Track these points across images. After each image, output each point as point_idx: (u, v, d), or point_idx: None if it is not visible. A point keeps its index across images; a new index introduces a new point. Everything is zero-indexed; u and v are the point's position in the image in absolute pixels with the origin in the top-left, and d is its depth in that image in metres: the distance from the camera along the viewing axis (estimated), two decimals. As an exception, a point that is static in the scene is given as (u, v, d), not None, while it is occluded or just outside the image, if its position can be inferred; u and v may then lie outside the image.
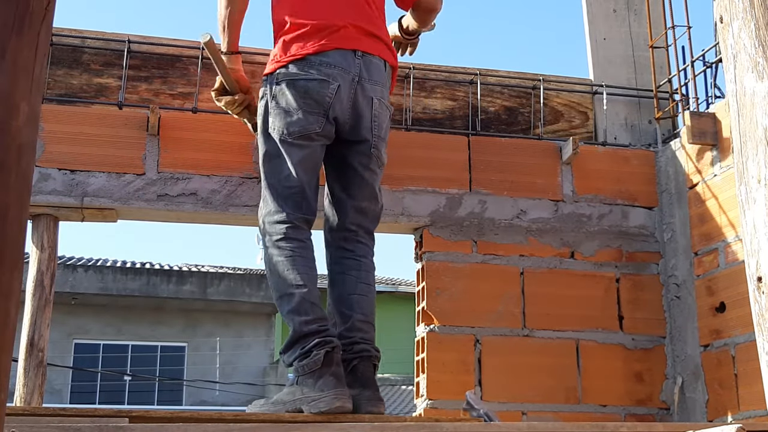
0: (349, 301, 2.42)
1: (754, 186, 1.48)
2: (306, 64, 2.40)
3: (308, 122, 2.39)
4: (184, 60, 3.00)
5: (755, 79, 1.49)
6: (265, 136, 2.46)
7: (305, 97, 2.39)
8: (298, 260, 2.34)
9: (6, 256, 0.80)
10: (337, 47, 2.43)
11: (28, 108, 0.83)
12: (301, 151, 2.41)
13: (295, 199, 2.40)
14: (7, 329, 0.80)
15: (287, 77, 2.41)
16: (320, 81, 2.39)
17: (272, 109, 2.43)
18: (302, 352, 2.25)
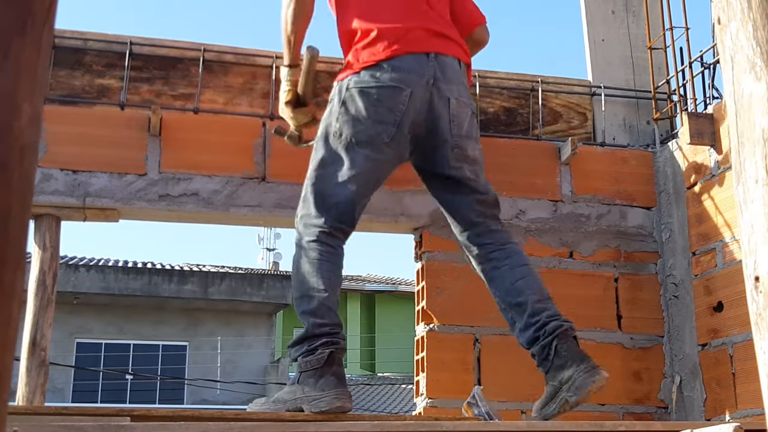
0: (516, 290, 2.36)
1: (751, 186, 1.49)
2: (378, 70, 2.36)
3: (377, 131, 2.35)
4: (185, 61, 3.01)
5: (753, 80, 1.50)
6: (327, 141, 2.40)
7: (377, 105, 2.34)
8: (325, 265, 2.33)
9: (8, 255, 0.81)
10: (409, 51, 2.38)
11: (30, 109, 0.84)
12: (364, 163, 2.36)
13: (340, 210, 2.36)
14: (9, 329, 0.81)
15: (359, 84, 2.36)
16: (393, 88, 2.35)
17: (341, 116, 2.38)
18: (309, 348, 2.26)
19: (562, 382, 2.25)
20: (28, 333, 2.71)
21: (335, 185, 2.36)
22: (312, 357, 2.24)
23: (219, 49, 3.04)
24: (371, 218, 2.92)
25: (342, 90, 2.40)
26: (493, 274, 2.41)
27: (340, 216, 2.37)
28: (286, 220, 2.94)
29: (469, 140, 2.45)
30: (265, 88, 3.03)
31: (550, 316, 2.31)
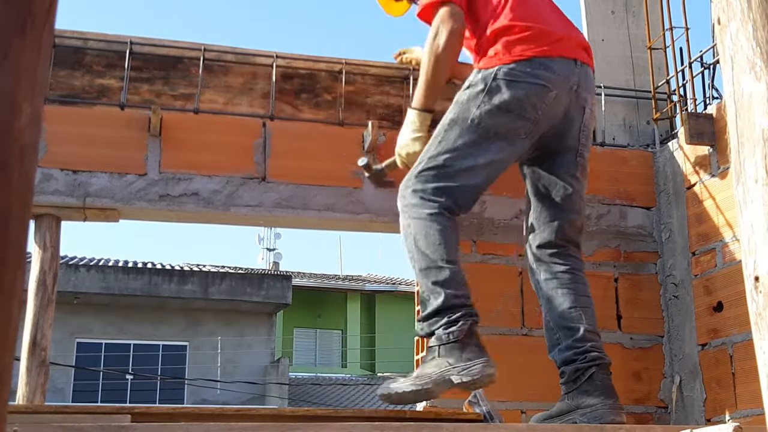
0: (572, 316, 2.40)
1: (751, 186, 1.49)
2: (530, 66, 2.34)
3: (516, 126, 2.34)
4: (185, 61, 3.01)
5: (753, 80, 1.50)
6: (460, 126, 2.35)
7: (523, 99, 2.33)
8: (451, 237, 2.28)
9: (8, 256, 0.81)
10: (562, 55, 2.40)
11: (30, 109, 0.84)
12: (497, 154, 2.34)
13: (463, 197, 2.34)
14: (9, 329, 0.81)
15: (508, 76, 2.34)
16: (541, 86, 2.35)
17: (483, 104, 2.34)
18: (449, 320, 2.21)
19: (580, 406, 2.29)
20: (29, 333, 2.71)
21: (462, 171, 2.32)
22: (454, 328, 2.20)
23: (219, 49, 3.04)
24: (371, 218, 2.93)
25: (488, 78, 2.35)
26: (555, 293, 2.43)
27: (461, 203, 2.34)
28: (286, 219, 2.95)
29: (587, 151, 2.50)
30: (265, 89, 3.03)
31: (594, 347, 2.38)
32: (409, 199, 2.34)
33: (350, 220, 2.94)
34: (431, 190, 2.31)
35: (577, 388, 2.32)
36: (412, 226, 2.31)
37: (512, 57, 2.35)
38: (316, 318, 21.17)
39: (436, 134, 2.39)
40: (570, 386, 2.34)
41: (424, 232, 2.28)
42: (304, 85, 3.07)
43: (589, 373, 2.32)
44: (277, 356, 16.27)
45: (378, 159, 2.70)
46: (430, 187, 2.31)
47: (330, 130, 3.01)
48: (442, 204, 2.30)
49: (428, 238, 2.27)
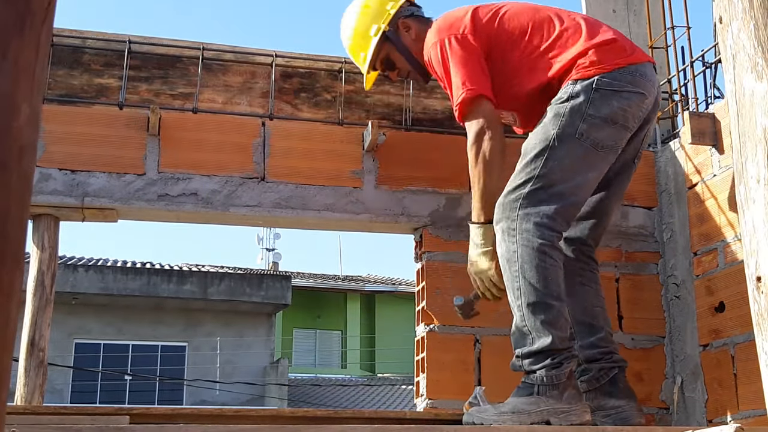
0: (594, 313, 2.43)
1: (753, 186, 1.48)
2: (628, 74, 2.32)
3: (620, 137, 2.32)
4: (184, 60, 3.00)
5: (754, 79, 1.50)
6: (565, 141, 2.27)
7: (626, 110, 2.31)
8: (560, 273, 2.24)
9: (7, 256, 0.80)
10: (648, 60, 2.42)
11: (29, 108, 0.84)
12: (602, 166, 2.32)
13: (572, 212, 2.30)
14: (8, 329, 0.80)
15: (609, 87, 2.29)
16: (640, 95, 2.33)
17: (588, 117, 2.27)
18: (553, 362, 2.18)
19: (602, 407, 2.32)
20: (27, 333, 2.70)
21: (573, 189, 2.28)
22: (557, 371, 2.17)
23: (218, 48, 3.03)
24: (371, 218, 2.92)
25: (589, 89, 2.29)
26: (578, 289, 2.47)
27: (569, 221, 2.33)
28: (285, 220, 2.94)
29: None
30: (264, 88, 3.02)
31: (615, 349, 2.45)
32: (521, 223, 2.24)
33: (350, 220, 2.94)
34: (545, 214, 2.23)
35: (599, 389, 2.35)
36: (520, 254, 2.22)
37: (611, 65, 2.33)
38: (316, 318, 21.18)
39: (539, 151, 2.29)
40: (592, 385, 2.38)
41: (534, 263, 2.20)
42: (304, 84, 3.06)
43: (612, 374, 2.36)
44: (277, 357, 16.27)
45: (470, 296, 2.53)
46: (543, 211, 2.23)
47: (330, 130, 3.00)
48: (555, 230, 2.25)
49: (539, 271, 2.20)
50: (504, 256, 2.26)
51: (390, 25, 2.62)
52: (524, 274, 2.20)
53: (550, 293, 2.20)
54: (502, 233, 2.27)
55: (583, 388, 2.36)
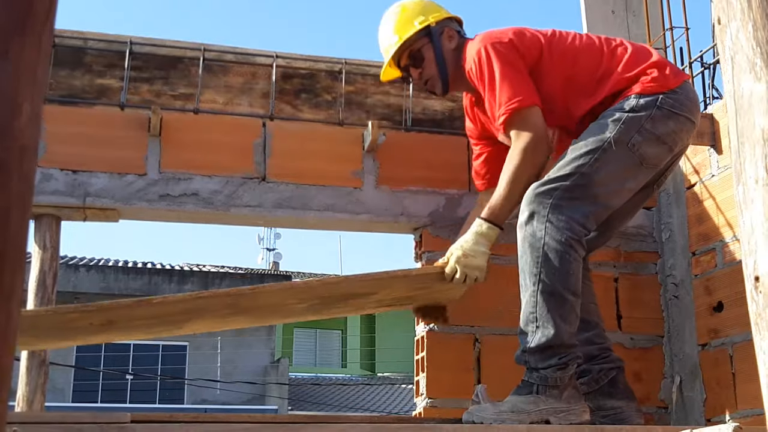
0: (589, 309, 2.43)
1: (751, 186, 1.49)
2: (684, 97, 2.35)
3: (664, 158, 2.36)
4: (185, 61, 3.01)
5: (753, 80, 1.50)
6: (618, 146, 2.28)
7: (676, 134, 2.34)
8: (580, 270, 2.26)
9: (8, 256, 0.81)
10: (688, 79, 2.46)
11: (30, 109, 0.84)
12: (641, 180, 2.35)
13: (602, 216, 2.32)
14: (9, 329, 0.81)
15: (672, 107, 2.32)
16: (692, 123, 2.38)
17: (645, 131, 2.29)
18: (560, 362, 2.18)
19: (601, 408, 2.31)
20: (28, 333, 2.70)
21: (609, 194, 2.30)
22: (562, 372, 2.17)
23: (219, 49, 3.04)
24: (371, 218, 2.92)
25: (652, 105, 2.31)
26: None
27: (600, 221, 2.34)
28: (286, 219, 2.94)
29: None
30: (265, 88, 3.03)
31: (611, 347, 2.45)
32: (554, 213, 2.23)
33: (350, 220, 2.94)
34: (579, 210, 2.24)
35: (599, 389, 2.34)
36: (546, 241, 2.21)
37: (674, 82, 2.35)
38: (316, 318, 21.14)
39: (591, 149, 2.29)
40: (592, 386, 2.36)
41: (559, 254, 2.20)
42: (304, 84, 3.07)
43: (611, 375, 2.35)
44: (277, 356, 16.27)
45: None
46: (579, 207, 2.24)
47: (330, 130, 3.01)
48: (586, 227, 2.26)
49: (562, 263, 2.20)
50: (527, 240, 2.24)
51: (437, 24, 2.59)
52: (547, 262, 2.20)
53: (568, 287, 2.20)
54: (529, 217, 2.26)
55: (583, 390, 2.35)
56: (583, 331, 2.38)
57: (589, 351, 2.39)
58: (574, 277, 2.21)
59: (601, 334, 2.45)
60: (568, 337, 2.18)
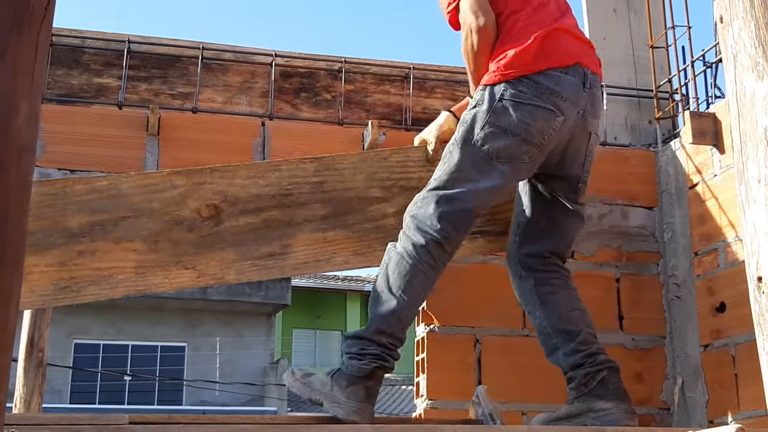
0: (571, 318, 2.35)
1: (754, 186, 1.48)
2: (537, 86, 2.22)
3: (521, 151, 2.23)
4: (183, 60, 3.00)
5: (755, 79, 1.49)
6: (465, 147, 2.26)
7: (529, 124, 2.22)
8: (420, 275, 2.20)
9: (6, 256, 0.80)
10: (565, 64, 2.26)
11: (28, 108, 0.83)
12: (498, 179, 2.25)
13: (461, 220, 2.24)
14: (6, 329, 0.80)
15: (515, 97, 2.22)
16: (549, 111, 2.23)
17: (488, 126, 2.24)
18: (358, 353, 2.17)
19: (591, 409, 2.26)
20: (26, 333, 2.70)
21: (464, 195, 2.23)
22: (356, 363, 2.16)
23: (218, 48, 3.03)
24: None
25: (494, 97, 2.24)
26: (550, 297, 2.38)
27: (458, 226, 2.24)
28: (285, 220, 2.93)
29: (588, 177, 2.44)
30: (264, 87, 3.02)
31: (600, 349, 2.35)
32: (406, 224, 2.27)
33: (350, 220, 2.93)
34: (429, 216, 2.22)
35: (589, 392, 2.29)
36: (397, 247, 2.25)
37: (515, 73, 2.24)
38: (316, 319, 21.17)
39: (443, 156, 2.31)
40: (582, 390, 2.30)
41: (398, 257, 2.22)
42: (304, 83, 3.06)
43: (600, 376, 2.29)
44: (277, 357, 16.26)
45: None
46: (429, 213, 2.22)
47: (329, 130, 3.00)
48: (436, 235, 2.21)
49: (400, 266, 2.20)
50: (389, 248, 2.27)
51: None
52: (387, 264, 2.23)
53: (394, 289, 2.19)
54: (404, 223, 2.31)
55: (572, 395, 2.31)
56: (569, 342, 2.33)
57: (574, 361, 2.33)
58: (405, 279, 2.18)
59: (586, 340, 2.35)
60: (376, 337, 2.17)
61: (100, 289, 2.32)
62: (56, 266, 2.28)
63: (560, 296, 2.38)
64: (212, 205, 2.43)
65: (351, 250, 2.56)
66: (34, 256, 2.26)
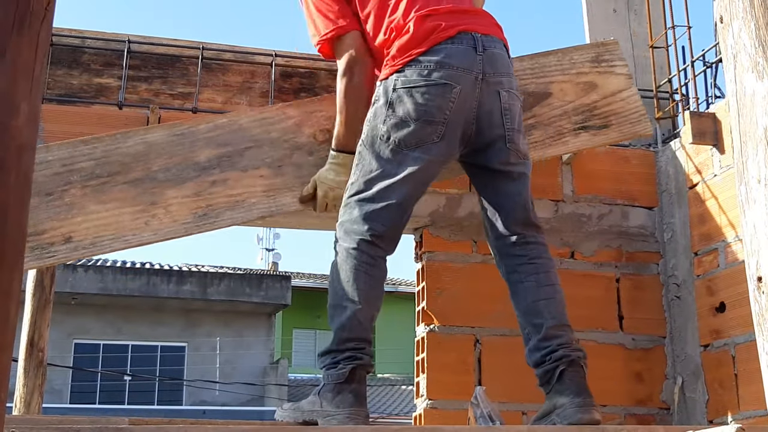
0: (536, 310, 2.31)
1: (754, 186, 1.48)
2: (424, 66, 2.25)
3: (426, 132, 2.24)
4: (183, 60, 2.99)
5: (755, 78, 1.50)
6: (373, 145, 2.30)
7: (425, 105, 2.24)
8: (362, 276, 2.24)
9: (6, 256, 0.80)
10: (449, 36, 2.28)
11: (28, 108, 0.83)
12: (414, 164, 2.25)
13: (387, 214, 2.26)
14: (7, 329, 0.80)
15: (406, 84, 2.25)
16: (441, 86, 2.24)
17: (388, 118, 2.27)
18: (332, 362, 2.21)
19: (556, 406, 2.24)
20: (26, 333, 2.70)
21: (383, 191, 2.26)
22: (334, 371, 2.19)
23: (218, 48, 3.02)
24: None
25: (388, 91, 2.28)
26: (518, 288, 2.36)
27: (387, 220, 2.26)
28: (285, 220, 2.93)
29: (520, 133, 2.37)
30: (264, 87, 3.02)
31: (560, 344, 2.28)
32: (337, 234, 2.31)
33: (350, 220, 2.93)
34: (355, 220, 2.27)
35: (552, 389, 2.25)
36: (334, 260, 2.29)
37: (405, 60, 2.27)
38: (316, 318, 21.16)
39: (355, 159, 2.35)
40: (547, 388, 2.28)
41: (338, 268, 2.26)
42: (304, 83, 3.06)
43: (557, 372, 2.24)
44: (277, 357, 16.26)
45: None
46: (354, 217, 2.27)
47: (330, 130, 2.99)
48: (364, 234, 2.24)
49: (339, 275, 2.25)
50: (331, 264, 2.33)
51: None
52: (332, 279, 2.28)
53: (345, 296, 2.23)
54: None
55: (544, 391, 2.29)
56: (534, 337, 2.31)
57: (537, 358, 2.30)
58: (351, 284, 2.23)
59: (548, 336, 2.29)
60: (343, 345, 2.21)
61: (236, 214, 2.52)
62: (192, 197, 2.51)
63: (528, 284, 2.34)
64: (325, 129, 2.61)
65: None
66: (172, 189, 2.51)
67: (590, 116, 2.84)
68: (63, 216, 2.40)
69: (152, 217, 2.46)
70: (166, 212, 2.47)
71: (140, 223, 2.45)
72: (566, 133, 2.81)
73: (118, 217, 2.44)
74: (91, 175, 2.47)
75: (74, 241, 2.40)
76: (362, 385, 2.23)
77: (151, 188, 2.48)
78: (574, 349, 2.28)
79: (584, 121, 2.83)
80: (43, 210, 2.40)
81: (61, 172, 2.46)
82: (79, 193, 2.44)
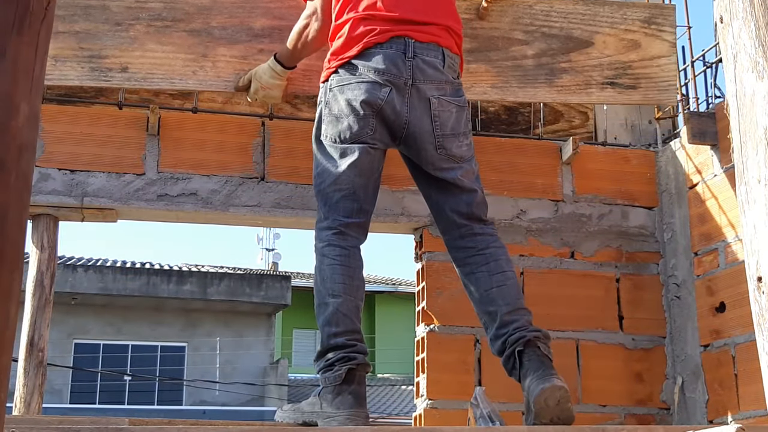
0: (488, 298, 2.32)
1: (754, 186, 1.48)
2: (354, 68, 2.35)
3: (358, 126, 2.33)
4: (184, 60, 2.99)
5: (755, 79, 1.50)
6: (320, 143, 2.42)
7: (354, 101, 2.33)
8: (338, 269, 2.29)
9: (6, 256, 0.80)
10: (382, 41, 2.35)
11: (28, 108, 0.83)
12: (353, 156, 2.34)
13: (344, 204, 2.34)
14: (7, 329, 0.80)
15: (339, 83, 2.37)
16: (370, 84, 2.32)
17: (326, 116, 2.39)
18: (326, 364, 2.22)
19: (526, 390, 2.21)
20: (26, 333, 2.69)
21: (334, 181, 2.35)
22: (330, 374, 2.20)
23: (218, 49, 3.02)
24: (371, 218, 2.91)
25: (326, 91, 2.41)
26: (469, 279, 2.38)
27: (347, 210, 2.35)
28: (285, 220, 2.93)
29: (455, 138, 2.39)
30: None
31: (516, 328, 2.26)
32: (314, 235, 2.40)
33: (350, 221, 2.93)
34: (321, 217, 2.38)
35: (519, 375, 2.23)
36: (315, 264, 2.36)
37: (339, 62, 2.38)
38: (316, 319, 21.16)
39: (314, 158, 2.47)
40: (515, 375, 2.26)
41: (318, 268, 2.33)
42: (304, 84, 3.06)
43: (515, 355, 2.23)
44: (277, 357, 16.25)
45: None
46: (321, 215, 2.39)
47: (330, 130, 2.99)
48: (332, 226, 2.34)
49: (320, 274, 2.32)
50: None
51: None
52: (315, 281, 2.34)
53: (327, 292, 2.28)
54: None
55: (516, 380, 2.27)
56: (491, 326, 2.31)
57: (498, 347, 2.30)
58: (330, 280, 2.28)
59: (505, 321, 2.28)
60: (332, 341, 2.22)
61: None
62: (239, 59, 2.72)
63: (479, 275, 2.35)
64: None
65: (490, 83, 2.86)
66: (224, 47, 2.73)
67: (622, 74, 2.90)
68: (125, 47, 2.67)
69: (200, 67, 2.70)
70: (213, 66, 2.70)
71: (189, 70, 2.69)
72: (594, 84, 2.90)
73: (172, 60, 2.68)
74: (158, 17, 2.69)
75: (129, 71, 2.66)
76: (362, 387, 2.23)
77: (206, 41, 2.70)
78: (530, 330, 2.27)
79: (615, 77, 2.90)
80: (110, 38, 2.65)
81: (133, 7, 2.68)
82: (143, 30, 2.67)
